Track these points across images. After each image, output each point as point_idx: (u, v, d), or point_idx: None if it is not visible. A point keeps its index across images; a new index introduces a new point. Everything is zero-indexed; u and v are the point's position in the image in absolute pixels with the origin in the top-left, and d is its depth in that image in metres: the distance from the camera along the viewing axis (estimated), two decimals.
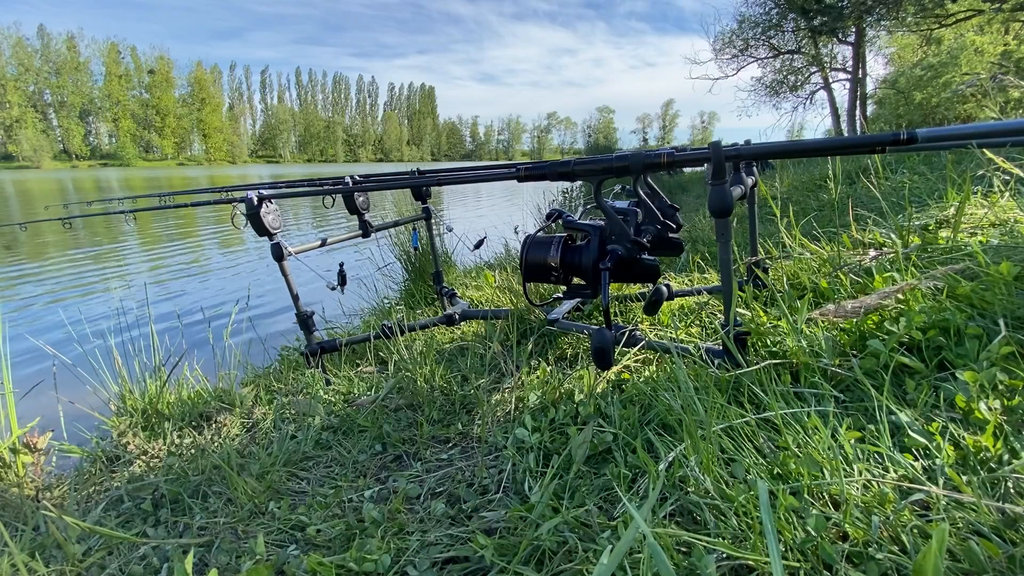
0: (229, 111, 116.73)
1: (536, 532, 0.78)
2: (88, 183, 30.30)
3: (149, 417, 1.63)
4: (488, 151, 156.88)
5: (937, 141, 1.01)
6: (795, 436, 0.81)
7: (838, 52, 16.58)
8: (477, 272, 3.24)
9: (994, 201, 1.77)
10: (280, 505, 1.03)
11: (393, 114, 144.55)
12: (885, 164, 3.15)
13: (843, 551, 0.63)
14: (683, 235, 1.73)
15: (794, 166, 5.07)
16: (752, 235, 1.77)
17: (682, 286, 1.96)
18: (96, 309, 4.61)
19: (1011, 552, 0.57)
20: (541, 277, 1.40)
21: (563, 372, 1.37)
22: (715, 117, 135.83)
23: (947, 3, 12.01)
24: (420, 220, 2.34)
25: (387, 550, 0.83)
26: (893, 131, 0.98)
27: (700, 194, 7.35)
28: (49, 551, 1.00)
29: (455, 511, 0.94)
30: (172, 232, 9.83)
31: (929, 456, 0.75)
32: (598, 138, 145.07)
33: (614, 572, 0.66)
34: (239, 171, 68.04)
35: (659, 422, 1.03)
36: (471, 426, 1.24)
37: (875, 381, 0.94)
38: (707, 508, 0.75)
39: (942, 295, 1.08)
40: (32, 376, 1.73)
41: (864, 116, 14.01)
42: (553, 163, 1.31)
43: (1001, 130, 1.08)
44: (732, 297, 1.13)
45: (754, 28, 16.35)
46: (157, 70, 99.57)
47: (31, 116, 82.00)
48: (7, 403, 1.40)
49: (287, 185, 2.17)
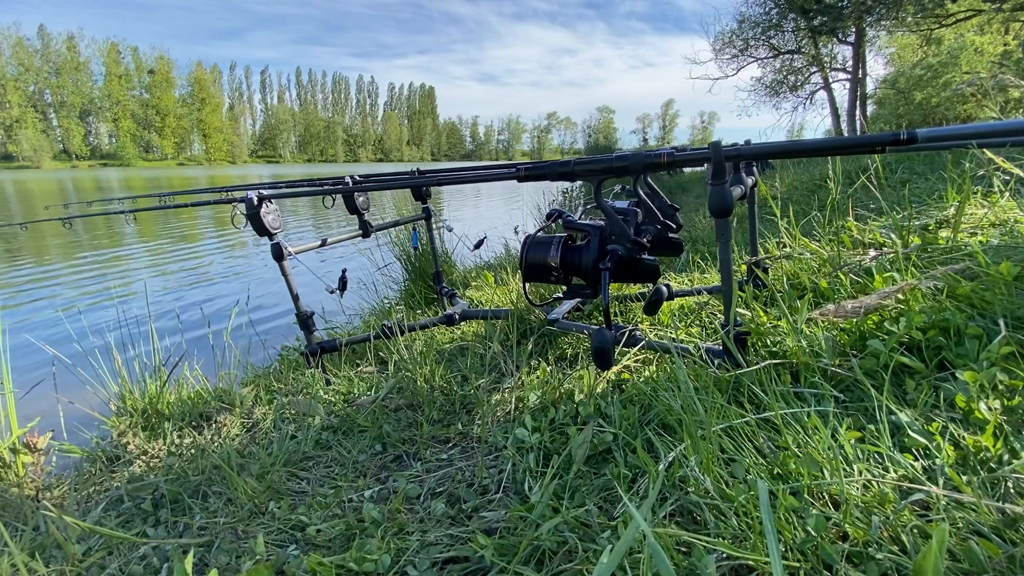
0: (229, 111, 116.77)
1: (536, 532, 0.78)
2: (88, 183, 30.32)
3: (149, 417, 1.63)
4: (488, 151, 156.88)
5: (937, 141, 1.01)
6: (795, 436, 0.81)
7: (838, 52, 16.59)
8: (477, 272, 3.24)
9: (994, 201, 1.77)
10: (280, 505, 1.03)
11: (393, 114, 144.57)
12: (885, 164, 3.15)
13: (843, 551, 0.63)
14: (683, 235, 1.73)
15: (794, 166, 5.07)
16: (752, 235, 1.77)
17: (682, 286, 1.96)
18: (96, 309, 4.61)
19: (1011, 552, 0.57)
20: (541, 277, 1.40)
21: (563, 372, 1.37)
22: (715, 117, 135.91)
23: (947, 3, 12.01)
24: (420, 220, 2.34)
25: (387, 550, 0.83)
26: (893, 131, 0.98)
27: (700, 194, 7.35)
28: (49, 551, 1.00)
29: (455, 511, 0.94)
30: (172, 232, 9.83)
31: (929, 456, 0.75)
32: (598, 138, 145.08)
33: (614, 572, 0.66)
34: (239, 171, 68.04)
35: (659, 422, 1.03)
36: (471, 426, 1.24)
37: (875, 381, 0.94)
38: (707, 508, 0.75)
39: (942, 295, 1.08)
40: (32, 376, 1.73)
41: (864, 116, 14.01)
42: (553, 163, 1.30)
43: (1001, 130, 1.08)
44: (732, 297, 1.13)
45: (754, 28, 16.35)
46: (157, 70, 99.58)
47: (31, 116, 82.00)
48: (7, 403, 1.40)
49: (287, 185, 2.17)
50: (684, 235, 2.44)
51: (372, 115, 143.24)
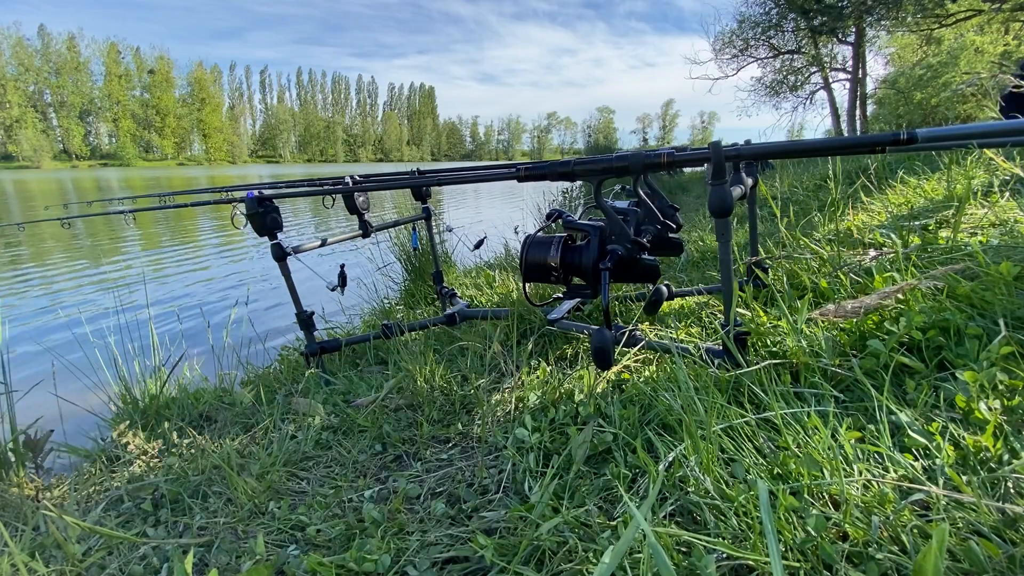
0: (229, 111, 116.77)
1: (536, 532, 0.78)
2: (88, 183, 30.32)
3: (149, 417, 1.63)
4: (488, 151, 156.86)
5: (937, 141, 1.01)
6: (795, 436, 0.81)
7: (838, 52, 16.58)
8: (477, 272, 3.24)
9: (994, 201, 1.77)
10: (280, 505, 1.03)
11: (393, 114, 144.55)
12: (885, 164, 3.15)
13: (843, 551, 0.63)
14: (682, 235, 1.73)
15: (794, 166, 5.07)
16: (752, 235, 1.77)
17: (682, 286, 1.96)
18: (96, 309, 4.61)
19: (1011, 552, 0.57)
20: (541, 277, 1.40)
21: (563, 372, 1.37)
22: (715, 117, 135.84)
23: (947, 3, 12.00)
24: (420, 220, 2.34)
25: (387, 550, 0.83)
26: (893, 131, 0.98)
27: (700, 194, 7.35)
28: (49, 551, 1.00)
29: (455, 511, 0.94)
30: (173, 232, 9.83)
31: (929, 456, 0.75)
32: (598, 138, 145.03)
33: (614, 572, 0.66)
34: (239, 171, 68.04)
35: (659, 422, 1.03)
36: (471, 426, 1.24)
37: (875, 381, 0.94)
38: (707, 508, 0.75)
39: (942, 295, 1.08)
40: (32, 376, 1.73)
41: (864, 116, 14.01)
42: (553, 163, 1.31)
43: (1001, 130, 1.08)
44: (732, 297, 1.13)
45: (754, 28, 16.34)
46: (157, 70, 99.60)
47: (31, 116, 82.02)
48: (7, 403, 1.40)
49: (287, 185, 2.17)
50: (683, 235, 2.44)
51: (372, 115, 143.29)
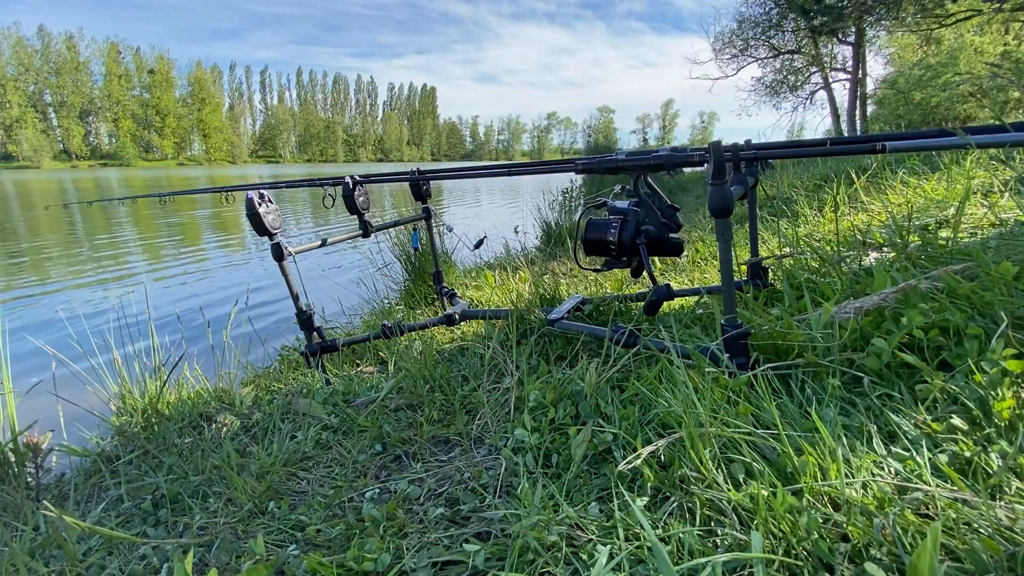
0: (229, 111, 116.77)
1: (536, 532, 0.78)
2: (88, 183, 30.33)
3: (149, 417, 1.63)
4: (488, 151, 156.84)
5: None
6: (795, 436, 0.81)
7: (838, 52, 16.58)
8: (477, 272, 3.24)
9: (994, 201, 1.77)
10: (280, 505, 1.03)
11: (393, 114, 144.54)
12: (885, 164, 3.15)
13: (843, 551, 0.63)
14: (682, 235, 1.73)
15: (794, 166, 5.07)
16: (752, 235, 1.77)
17: (682, 286, 1.96)
18: (96, 309, 4.61)
19: (1011, 552, 0.57)
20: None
21: (563, 372, 1.37)
22: (715, 117, 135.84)
23: (947, 3, 12.00)
24: (420, 220, 2.34)
25: (387, 550, 0.83)
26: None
27: (700, 194, 7.35)
28: (49, 551, 1.00)
29: (454, 512, 0.94)
30: (173, 232, 9.83)
31: (929, 456, 0.75)
32: (598, 138, 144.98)
33: (614, 572, 0.66)
34: (239, 171, 68.02)
35: (659, 422, 1.03)
36: (471, 426, 1.24)
37: (876, 381, 0.94)
38: (707, 508, 0.75)
39: (942, 295, 1.08)
40: (32, 376, 1.73)
41: (864, 116, 14.00)
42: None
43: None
44: (732, 297, 1.13)
45: (754, 28, 16.34)
46: (157, 70, 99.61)
47: (31, 116, 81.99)
48: (7, 403, 1.40)
49: (287, 185, 2.17)
50: (683, 234, 2.44)
51: (372, 115, 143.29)
